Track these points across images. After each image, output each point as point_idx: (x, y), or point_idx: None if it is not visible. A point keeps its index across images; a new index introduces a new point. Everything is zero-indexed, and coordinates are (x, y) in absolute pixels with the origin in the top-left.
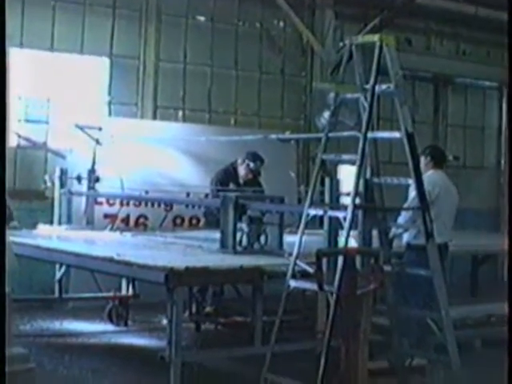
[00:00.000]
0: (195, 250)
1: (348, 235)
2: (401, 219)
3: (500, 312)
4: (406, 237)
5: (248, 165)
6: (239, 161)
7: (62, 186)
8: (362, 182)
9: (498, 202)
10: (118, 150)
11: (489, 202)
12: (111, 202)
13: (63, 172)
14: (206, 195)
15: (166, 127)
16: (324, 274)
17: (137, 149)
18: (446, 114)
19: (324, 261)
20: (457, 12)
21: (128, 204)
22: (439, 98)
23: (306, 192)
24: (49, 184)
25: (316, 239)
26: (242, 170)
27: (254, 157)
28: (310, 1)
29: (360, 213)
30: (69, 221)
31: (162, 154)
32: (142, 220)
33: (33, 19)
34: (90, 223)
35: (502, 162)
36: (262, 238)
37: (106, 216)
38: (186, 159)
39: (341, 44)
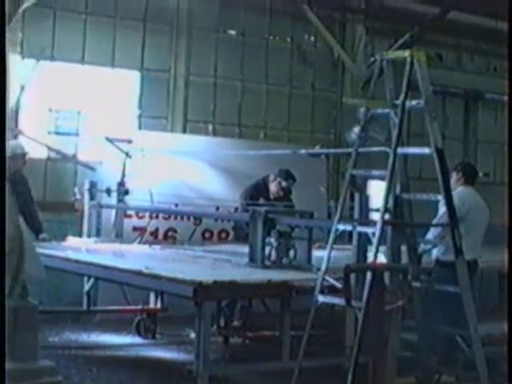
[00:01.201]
0: (224, 264)
1: (377, 251)
2: (430, 235)
3: None
4: (435, 253)
5: (280, 182)
6: (271, 177)
7: (91, 198)
8: (391, 197)
9: None
10: (148, 163)
11: None
12: (140, 214)
13: (93, 184)
14: (236, 209)
15: (195, 141)
16: (352, 289)
17: (166, 162)
18: (476, 129)
19: (352, 276)
20: (488, 28)
21: (157, 217)
22: (469, 114)
23: (336, 207)
24: (78, 196)
25: (345, 254)
26: (273, 187)
27: (287, 175)
28: (341, 16)
29: (389, 228)
30: (98, 233)
31: (192, 168)
32: (171, 233)
33: (64, 32)
34: (119, 236)
35: None
36: (291, 253)
37: (135, 229)
38: (216, 173)
39: (371, 59)
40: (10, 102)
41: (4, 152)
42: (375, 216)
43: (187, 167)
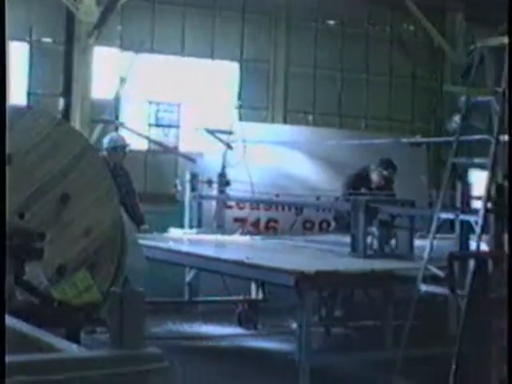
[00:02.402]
0: (325, 254)
1: (479, 239)
2: None
3: None
4: None
5: (381, 172)
6: (372, 167)
7: (192, 189)
8: (493, 185)
9: None
10: (249, 153)
11: None
12: (241, 205)
13: (194, 176)
14: (336, 199)
15: (296, 131)
16: (456, 277)
17: (267, 153)
18: None
19: (456, 265)
20: None
21: (258, 208)
22: None
23: (437, 196)
24: (179, 188)
25: (446, 243)
26: (374, 176)
27: (388, 164)
28: (441, 4)
29: (492, 217)
30: (199, 224)
31: (292, 158)
32: (271, 224)
33: (163, 25)
34: (220, 227)
35: None
36: (393, 242)
37: (236, 220)
38: (316, 163)
39: (471, 47)
40: (110, 95)
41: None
42: (477, 204)
43: (288, 158)
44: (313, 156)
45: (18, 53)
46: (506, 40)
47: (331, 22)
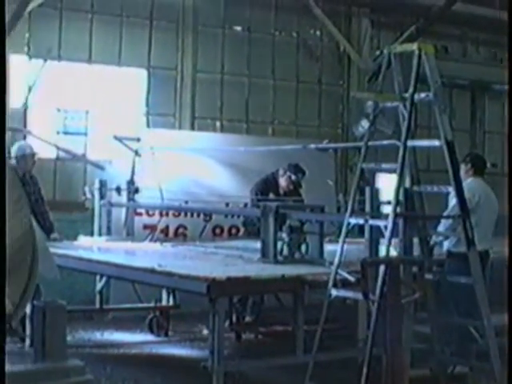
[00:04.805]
0: (236, 260)
1: (389, 244)
2: (441, 227)
3: None
4: (446, 245)
5: (290, 176)
6: (281, 172)
7: (101, 197)
8: (402, 190)
9: None
10: (157, 160)
11: None
12: (151, 212)
13: (103, 183)
14: (245, 205)
15: (204, 137)
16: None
17: (175, 159)
18: (483, 120)
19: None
20: (492, 18)
21: (167, 214)
22: (476, 105)
23: (345, 201)
24: (88, 195)
25: (355, 248)
26: (283, 182)
27: (296, 169)
28: (347, 9)
29: (401, 221)
30: (109, 232)
31: (201, 165)
32: (181, 230)
33: (70, 32)
34: (130, 234)
35: None
36: (303, 247)
37: (145, 227)
38: (224, 169)
39: (377, 52)
40: (18, 103)
41: (4, 152)
42: (386, 209)
43: (196, 164)
44: (221, 162)
45: None
46: (413, 46)
47: (238, 28)
